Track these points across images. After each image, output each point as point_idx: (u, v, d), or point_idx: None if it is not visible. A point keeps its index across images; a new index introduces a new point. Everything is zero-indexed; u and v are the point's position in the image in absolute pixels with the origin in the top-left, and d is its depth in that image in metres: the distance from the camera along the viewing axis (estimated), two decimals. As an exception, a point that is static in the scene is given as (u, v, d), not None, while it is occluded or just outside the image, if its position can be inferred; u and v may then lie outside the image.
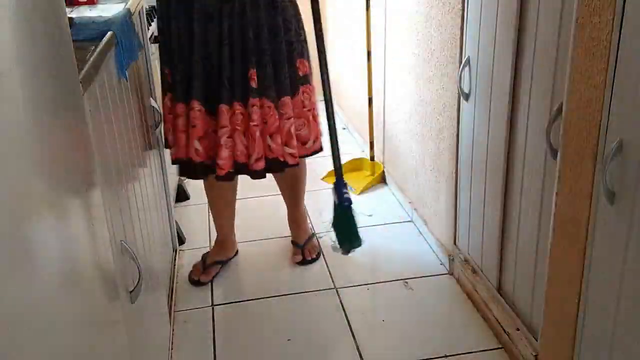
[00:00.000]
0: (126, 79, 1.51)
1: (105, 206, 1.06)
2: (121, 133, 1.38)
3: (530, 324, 1.69)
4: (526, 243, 1.65)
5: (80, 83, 0.98)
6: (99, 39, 1.25)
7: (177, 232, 2.42)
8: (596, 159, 1.18)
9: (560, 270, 1.38)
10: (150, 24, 2.17)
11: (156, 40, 2.32)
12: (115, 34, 1.36)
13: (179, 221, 2.50)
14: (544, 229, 1.53)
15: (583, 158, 1.23)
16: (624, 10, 1.06)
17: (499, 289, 1.86)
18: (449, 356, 1.81)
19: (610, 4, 1.08)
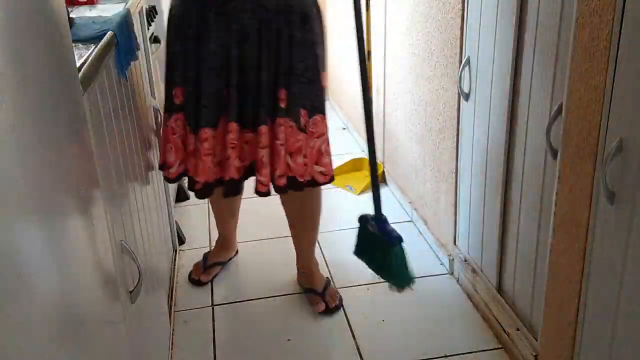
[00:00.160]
0: (126, 78, 1.51)
1: (105, 206, 1.06)
2: (121, 133, 1.38)
3: (530, 324, 1.69)
4: (526, 243, 1.65)
5: (80, 83, 0.98)
6: (98, 38, 1.25)
7: (177, 232, 2.43)
8: (596, 159, 1.18)
9: (560, 270, 1.38)
10: (150, 24, 2.17)
11: (156, 40, 2.33)
12: (115, 34, 1.36)
13: (178, 221, 2.50)
14: (544, 229, 1.53)
15: (583, 158, 1.23)
16: (624, 10, 1.06)
17: (499, 289, 1.86)
18: (449, 356, 1.81)
19: (610, 4, 1.08)
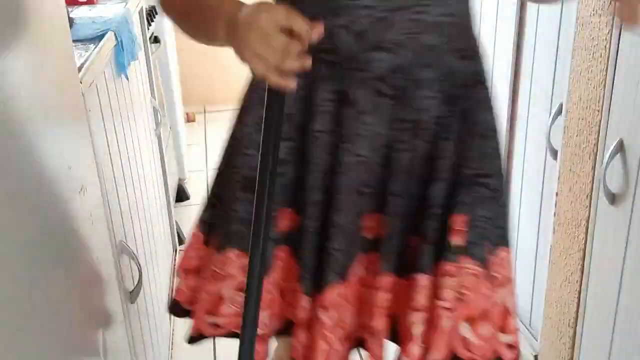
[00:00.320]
0: (127, 78, 1.51)
1: (105, 206, 1.06)
2: (121, 132, 1.38)
3: (530, 324, 1.69)
4: (526, 243, 1.65)
5: (80, 83, 0.98)
6: (98, 38, 1.25)
7: (177, 232, 2.42)
8: (596, 159, 1.18)
9: (560, 270, 1.38)
10: (150, 24, 2.17)
11: (156, 40, 2.32)
12: (115, 34, 1.36)
13: (178, 221, 2.50)
14: (543, 229, 1.53)
15: (583, 158, 1.23)
16: (624, 10, 1.06)
17: (499, 289, 1.86)
18: (448, 356, 1.80)
19: (611, 3, 1.08)
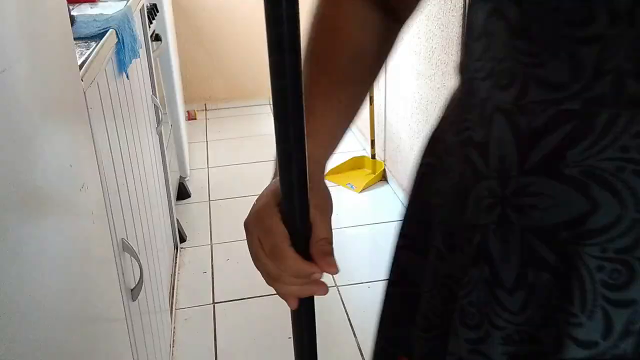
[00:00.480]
0: (127, 76, 1.51)
1: (106, 204, 1.07)
2: (122, 130, 1.38)
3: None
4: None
5: (82, 80, 0.98)
6: (100, 36, 1.25)
7: (178, 230, 2.43)
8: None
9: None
10: (151, 22, 2.17)
11: (157, 38, 2.32)
12: (117, 32, 1.36)
13: (180, 219, 2.50)
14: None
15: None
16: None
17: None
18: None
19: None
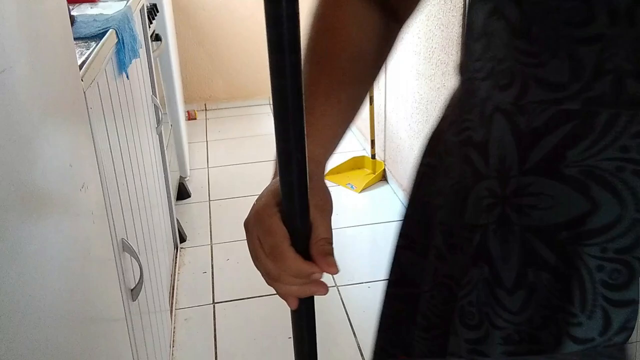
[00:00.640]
0: (127, 76, 1.51)
1: (106, 204, 1.07)
2: (122, 130, 1.38)
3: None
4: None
5: (82, 80, 0.98)
6: (100, 36, 1.26)
7: (178, 230, 2.43)
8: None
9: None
10: (151, 22, 2.17)
11: (157, 38, 2.32)
12: (117, 32, 1.36)
13: (180, 219, 2.50)
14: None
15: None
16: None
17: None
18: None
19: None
